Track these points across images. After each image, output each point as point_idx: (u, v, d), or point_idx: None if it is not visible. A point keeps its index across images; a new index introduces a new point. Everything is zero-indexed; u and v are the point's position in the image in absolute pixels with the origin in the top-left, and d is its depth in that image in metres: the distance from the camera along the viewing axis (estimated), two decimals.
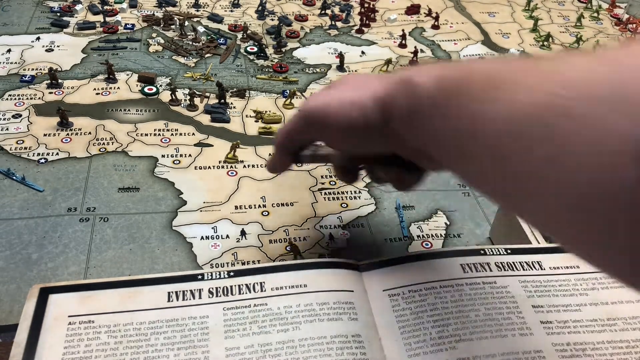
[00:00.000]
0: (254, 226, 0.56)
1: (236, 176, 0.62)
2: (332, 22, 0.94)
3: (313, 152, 0.47)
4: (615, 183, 0.20)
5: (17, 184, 0.59)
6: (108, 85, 0.75)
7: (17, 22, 0.88)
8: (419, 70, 0.36)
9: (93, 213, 0.56)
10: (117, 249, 0.53)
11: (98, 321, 0.41)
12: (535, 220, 0.28)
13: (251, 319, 0.42)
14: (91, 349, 0.40)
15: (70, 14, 0.90)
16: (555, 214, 0.24)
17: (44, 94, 0.73)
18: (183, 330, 0.41)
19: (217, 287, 0.44)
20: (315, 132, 0.44)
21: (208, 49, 0.85)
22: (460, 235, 0.57)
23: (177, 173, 0.62)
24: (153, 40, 0.86)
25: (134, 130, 0.68)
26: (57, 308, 0.42)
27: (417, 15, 0.99)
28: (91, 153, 0.64)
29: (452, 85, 0.32)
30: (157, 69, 0.79)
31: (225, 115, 0.71)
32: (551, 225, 0.25)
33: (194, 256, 0.53)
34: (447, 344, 0.41)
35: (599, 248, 0.23)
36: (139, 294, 0.43)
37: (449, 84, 0.32)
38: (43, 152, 0.63)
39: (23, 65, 0.78)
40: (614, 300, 0.45)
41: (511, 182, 0.26)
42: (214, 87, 0.75)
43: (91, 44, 0.84)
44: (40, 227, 0.54)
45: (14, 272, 0.50)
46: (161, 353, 0.40)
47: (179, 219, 0.56)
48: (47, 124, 0.67)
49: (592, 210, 0.21)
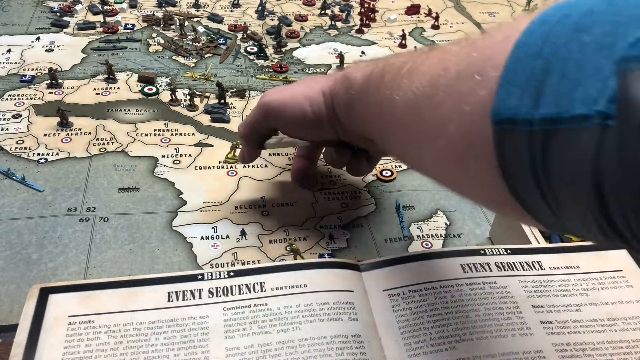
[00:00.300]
0: (254, 226, 0.56)
1: (236, 176, 0.62)
2: (332, 22, 0.94)
3: (278, 140, 0.53)
4: (474, 134, 0.27)
5: (17, 184, 0.59)
6: (108, 85, 0.75)
7: (17, 22, 0.88)
8: (356, 67, 0.44)
9: (93, 213, 0.56)
10: (117, 249, 0.53)
11: (98, 321, 0.41)
12: (427, 171, 0.37)
13: (251, 319, 0.42)
14: (91, 349, 0.40)
15: (70, 14, 0.90)
16: (440, 163, 0.32)
17: (44, 94, 0.73)
18: (183, 331, 0.41)
19: (217, 287, 0.44)
20: (273, 122, 0.52)
21: (208, 49, 0.85)
22: (460, 236, 0.57)
23: (177, 173, 0.62)
24: (153, 40, 0.86)
25: (134, 130, 0.68)
26: (57, 308, 0.42)
27: (417, 15, 0.99)
28: (91, 153, 0.64)
29: (374, 77, 0.40)
30: (157, 69, 0.79)
31: (225, 115, 0.71)
32: (437, 172, 0.35)
33: (194, 256, 0.53)
34: (447, 344, 0.41)
35: (468, 184, 0.32)
36: (139, 294, 0.43)
37: (372, 76, 0.40)
38: (43, 152, 0.63)
39: (23, 65, 0.78)
40: (614, 300, 0.45)
41: (413, 145, 0.35)
42: (214, 87, 0.75)
43: (91, 44, 0.84)
44: (40, 227, 0.54)
45: (14, 272, 0.50)
46: (161, 353, 0.40)
47: (179, 219, 0.56)
48: (47, 124, 0.67)
49: (461, 155, 0.29)
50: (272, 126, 0.53)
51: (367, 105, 0.41)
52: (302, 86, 0.51)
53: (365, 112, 0.42)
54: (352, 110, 0.44)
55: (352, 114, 0.45)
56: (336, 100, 0.46)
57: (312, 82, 0.50)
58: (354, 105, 0.44)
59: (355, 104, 0.43)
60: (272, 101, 0.50)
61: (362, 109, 0.43)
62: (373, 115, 0.40)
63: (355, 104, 0.43)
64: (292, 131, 0.52)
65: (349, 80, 0.44)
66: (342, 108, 0.46)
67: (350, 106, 0.44)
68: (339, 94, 0.46)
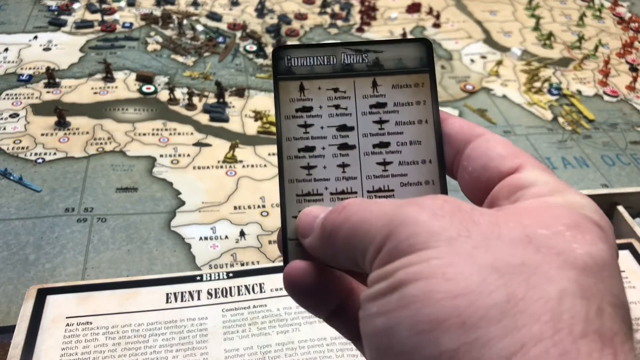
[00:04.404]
0: (253, 227, 0.56)
1: (235, 176, 0.62)
2: (332, 21, 0.93)
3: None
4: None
5: (14, 184, 0.58)
6: (106, 84, 0.75)
7: (15, 21, 0.87)
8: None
9: (91, 213, 0.56)
10: (115, 249, 0.52)
11: (96, 322, 0.41)
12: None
13: (250, 320, 0.42)
14: (89, 350, 0.39)
15: (67, 13, 0.90)
16: None
17: (41, 94, 0.72)
18: (182, 332, 0.41)
19: (216, 288, 0.44)
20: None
21: (207, 47, 0.84)
22: None
23: (176, 173, 0.62)
24: (151, 38, 0.86)
25: (132, 129, 0.67)
26: (55, 309, 0.42)
27: (417, 14, 0.98)
28: (89, 153, 0.63)
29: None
30: (156, 68, 0.79)
31: (224, 114, 0.71)
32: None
33: (192, 257, 0.52)
34: None
35: None
36: (137, 295, 0.43)
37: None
38: (40, 152, 0.63)
39: (20, 64, 0.77)
40: None
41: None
42: (213, 86, 0.74)
43: (89, 43, 0.83)
44: (38, 228, 0.54)
45: (11, 273, 0.49)
46: (160, 355, 0.39)
47: (178, 219, 0.56)
48: (45, 123, 0.67)
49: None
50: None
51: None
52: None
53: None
54: None
55: None
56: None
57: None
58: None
59: None
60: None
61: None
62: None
63: None
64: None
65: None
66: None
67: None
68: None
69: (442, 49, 0.89)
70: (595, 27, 0.98)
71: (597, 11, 1.02)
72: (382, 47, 0.25)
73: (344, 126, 0.24)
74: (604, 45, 0.92)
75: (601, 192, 0.57)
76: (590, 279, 0.17)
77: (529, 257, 0.17)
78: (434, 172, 0.24)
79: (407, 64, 0.24)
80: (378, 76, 0.24)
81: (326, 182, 0.24)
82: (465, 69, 0.84)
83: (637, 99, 0.81)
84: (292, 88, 0.24)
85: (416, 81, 0.24)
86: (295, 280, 0.23)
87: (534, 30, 0.96)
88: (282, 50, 0.25)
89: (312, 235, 0.23)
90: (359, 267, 0.20)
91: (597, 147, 0.71)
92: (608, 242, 0.18)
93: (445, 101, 0.77)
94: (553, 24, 0.98)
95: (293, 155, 0.24)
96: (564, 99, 0.80)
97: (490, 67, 0.85)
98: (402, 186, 0.24)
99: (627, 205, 0.56)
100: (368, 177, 0.24)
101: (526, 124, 0.74)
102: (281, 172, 0.24)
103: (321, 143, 0.24)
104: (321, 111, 0.24)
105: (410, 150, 0.24)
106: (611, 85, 0.83)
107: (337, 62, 0.25)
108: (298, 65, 0.25)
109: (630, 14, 1.02)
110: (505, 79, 0.83)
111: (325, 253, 0.22)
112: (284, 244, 0.24)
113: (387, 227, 0.19)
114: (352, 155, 0.24)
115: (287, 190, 0.24)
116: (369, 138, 0.24)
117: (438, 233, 0.18)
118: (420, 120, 0.24)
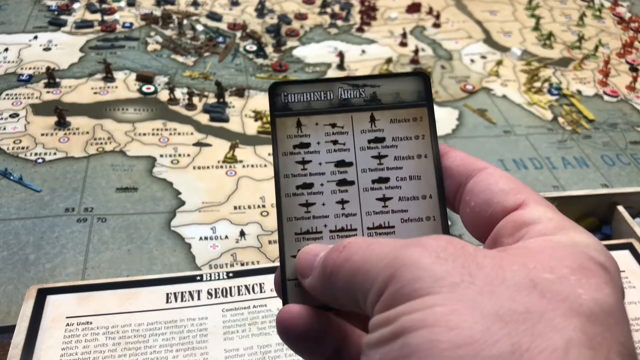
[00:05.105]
0: (253, 227, 0.56)
1: (235, 176, 0.62)
2: (332, 21, 0.93)
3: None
4: None
5: (14, 184, 0.58)
6: (106, 84, 0.75)
7: (15, 21, 0.87)
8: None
9: (91, 213, 0.56)
10: (115, 249, 0.52)
11: (96, 322, 0.41)
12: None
13: (250, 320, 0.42)
14: (89, 350, 0.39)
15: (67, 13, 0.90)
16: None
17: (41, 94, 0.72)
18: (182, 332, 0.41)
19: (216, 288, 0.44)
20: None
21: (207, 47, 0.84)
22: (462, 236, 0.57)
23: (176, 173, 0.62)
24: (151, 38, 0.86)
25: (132, 129, 0.67)
26: (55, 309, 0.42)
27: (417, 14, 0.98)
28: (89, 153, 0.63)
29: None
30: (156, 67, 0.79)
31: (224, 114, 0.71)
32: None
33: (192, 257, 0.52)
34: None
35: None
36: (137, 295, 0.43)
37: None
38: (40, 151, 0.63)
39: (20, 64, 0.77)
40: None
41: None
42: (213, 86, 0.74)
43: (89, 43, 0.83)
44: (38, 228, 0.54)
45: (11, 273, 0.49)
46: (160, 355, 0.39)
47: (178, 219, 0.56)
48: (45, 123, 0.67)
49: None
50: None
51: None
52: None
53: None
54: None
55: None
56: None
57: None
58: None
59: None
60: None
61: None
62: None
63: None
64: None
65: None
66: None
67: None
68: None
69: (442, 49, 0.89)
70: (595, 27, 0.98)
71: (597, 11, 1.02)
72: (379, 82, 0.24)
73: (343, 162, 0.24)
74: (604, 45, 0.92)
75: (601, 192, 0.57)
76: (596, 328, 0.16)
77: (533, 304, 0.16)
78: (434, 207, 0.23)
79: (404, 98, 0.24)
80: (376, 111, 0.24)
81: (325, 219, 0.23)
82: (465, 69, 0.84)
83: (637, 99, 0.81)
84: (289, 124, 0.24)
85: (414, 115, 0.24)
86: (289, 325, 0.22)
87: (534, 30, 0.96)
88: (279, 87, 0.24)
89: (312, 275, 0.22)
90: (361, 308, 0.20)
91: (597, 147, 0.71)
92: (614, 285, 0.18)
93: (445, 101, 0.77)
94: (553, 24, 0.98)
95: (291, 192, 0.23)
96: (564, 99, 0.80)
97: (490, 67, 0.85)
98: (403, 222, 0.23)
99: (627, 205, 0.56)
100: (368, 213, 0.23)
101: (526, 124, 0.74)
102: (279, 210, 0.23)
103: (320, 179, 0.24)
104: (319, 147, 0.24)
105: (410, 186, 0.23)
106: (611, 85, 0.83)
107: (334, 97, 0.24)
108: (295, 101, 0.24)
109: (630, 14, 1.02)
110: (505, 79, 0.83)
111: (326, 293, 0.21)
112: (283, 285, 0.23)
113: (390, 268, 0.18)
114: (352, 191, 0.24)
115: (285, 228, 0.23)
116: (368, 173, 0.24)
117: (442, 278, 0.17)
118: (420, 155, 0.24)
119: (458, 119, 0.74)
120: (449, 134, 0.71)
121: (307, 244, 0.23)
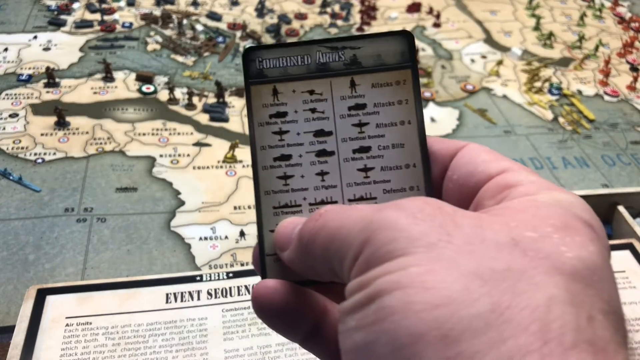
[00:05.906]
0: (253, 227, 0.56)
1: (235, 176, 0.62)
2: (332, 21, 0.93)
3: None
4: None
5: (14, 184, 0.58)
6: (106, 84, 0.75)
7: (14, 21, 0.87)
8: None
9: (90, 213, 0.56)
10: (115, 249, 0.52)
11: (96, 323, 0.41)
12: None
13: (250, 320, 0.42)
14: (89, 350, 0.39)
15: (67, 13, 0.90)
16: None
17: (41, 93, 0.72)
18: (181, 332, 0.41)
19: (216, 289, 0.44)
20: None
21: (207, 47, 0.84)
22: None
23: (176, 173, 0.62)
24: (151, 38, 0.85)
25: (132, 129, 0.67)
26: (55, 309, 0.42)
27: (418, 14, 0.98)
28: (88, 153, 0.63)
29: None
30: (155, 67, 0.79)
31: (224, 114, 0.71)
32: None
33: (192, 257, 0.52)
34: None
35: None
36: (136, 296, 0.43)
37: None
38: (40, 152, 0.63)
39: (20, 64, 0.77)
40: None
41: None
42: (213, 86, 0.74)
43: (89, 43, 0.83)
44: (37, 228, 0.54)
45: (10, 273, 0.49)
46: (159, 355, 0.39)
47: (178, 219, 0.56)
48: (44, 123, 0.67)
49: None
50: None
51: None
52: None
53: None
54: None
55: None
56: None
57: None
58: None
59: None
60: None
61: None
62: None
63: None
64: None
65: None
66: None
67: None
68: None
69: (442, 49, 0.89)
70: (595, 27, 0.98)
71: (597, 11, 1.02)
72: (360, 43, 0.23)
73: (322, 131, 0.23)
74: (604, 45, 0.92)
75: (601, 192, 0.57)
76: (579, 285, 0.16)
77: (514, 262, 0.16)
78: (418, 176, 0.22)
79: (387, 60, 0.23)
80: (356, 75, 0.23)
81: (304, 192, 0.22)
82: (465, 68, 0.84)
83: (638, 99, 0.81)
84: (265, 92, 0.23)
85: (397, 78, 0.23)
86: (264, 300, 0.21)
87: (535, 30, 0.96)
88: (253, 52, 0.23)
89: (290, 248, 0.21)
90: (339, 277, 0.19)
91: (598, 147, 0.71)
92: (599, 244, 0.17)
93: (446, 101, 0.77)
94: (553, 24, 0.98)
95: (268, 165, 0.23)
96: (564, 98, 0.80)
97: (491, 67, 0.85)
98: (385, 193, 0.22)
99: (628, 205, 0.56)
100: (349, 184, 0.22)
101: (526, 124, 0.74)
102: (256, 184, 0.22)
103: (298, 150, 0.22)
104: (297, 116, 0.23)
105: (392, 155, 0.22)
106: (612, 85, 0.83)
107: (312, 61, 0.23)
108: (270, 67, 0.23)
109: (630, 14, 1.02)
110: (505, 78, 0.83)
111: (304, 265, 0.20)
112: (262, 260, 0.22)
113: (365, 231, 0.17)
114: (331, 162, 0.22)
115: (263, 202, 0.22)
116: (349, 143, 0.22)
117: (418, 238, 0.16)
118: (403, 122, 0.22)
119: (458, 119, 0.74)
120: (449, 134, 0.71)
121: (285, 218, 0.22)
